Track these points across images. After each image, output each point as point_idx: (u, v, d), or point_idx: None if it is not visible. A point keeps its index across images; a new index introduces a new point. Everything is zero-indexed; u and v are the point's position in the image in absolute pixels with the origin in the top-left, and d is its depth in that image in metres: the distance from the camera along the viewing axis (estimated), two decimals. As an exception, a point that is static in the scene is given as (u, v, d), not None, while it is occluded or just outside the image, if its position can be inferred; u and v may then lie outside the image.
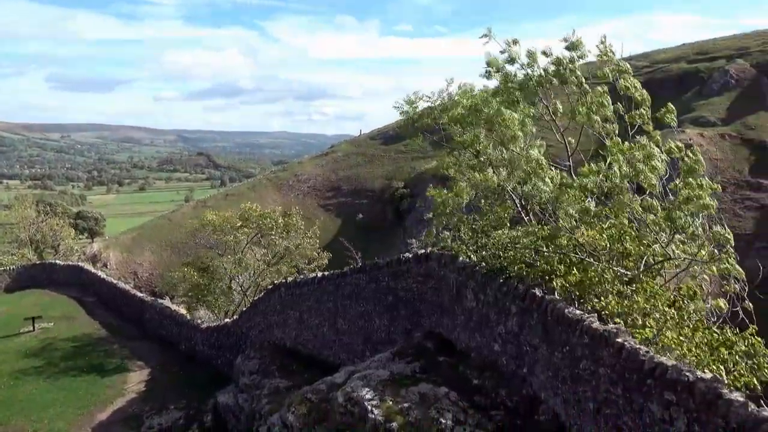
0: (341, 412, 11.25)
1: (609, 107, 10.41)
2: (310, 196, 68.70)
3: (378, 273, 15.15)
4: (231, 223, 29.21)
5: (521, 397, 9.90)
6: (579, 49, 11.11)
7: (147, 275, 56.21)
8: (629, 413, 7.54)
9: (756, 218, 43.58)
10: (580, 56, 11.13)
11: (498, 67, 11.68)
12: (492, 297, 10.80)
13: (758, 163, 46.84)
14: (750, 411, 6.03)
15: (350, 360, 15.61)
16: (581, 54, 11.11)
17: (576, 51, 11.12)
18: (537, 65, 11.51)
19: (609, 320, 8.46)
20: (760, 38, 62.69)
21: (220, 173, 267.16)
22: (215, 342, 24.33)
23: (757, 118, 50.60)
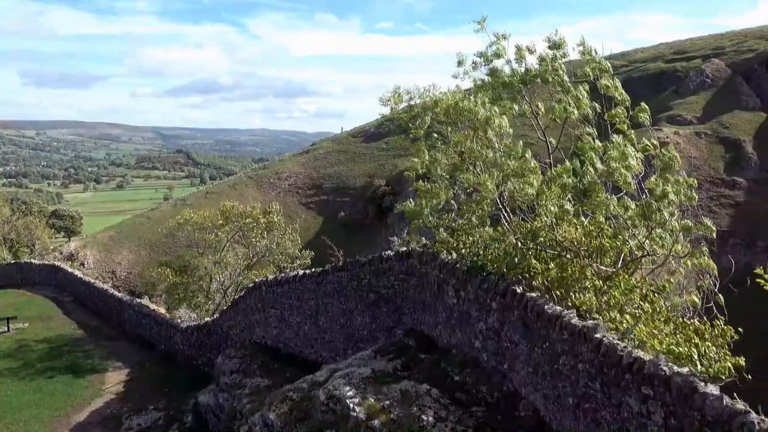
0: (323, 411, 11.23)
1: (585, 103, 10.52)
2: (292, 194, 68.40)
3: (360, 271, 15.14)
4: (212, 221, 28.95)
5: (502, 393, 9.98)
6: (562, 48, 11.19)
7: (125, 274, 55.50)
8: (608, 407, 7.65)
9: (730, 215, 44.43)
10: (563, 55, 11.21)
11: (487, 58, 11.63)
12: (473, 294, 10.86)
13: (733, 161, 47.76)
14: (725, 404, 6.15)
15: (332, 358, 15.60)
16: (563, 53, 11.19)
17: (559, 50, 11.20)
18: (524, 62, 11.53)
19: (587, 316, 8.57)
20: (735, 38, 63.85)
21: (199, 171, 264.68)
22: (195, 341, 24.12)
23: (732, 117, 51.56)
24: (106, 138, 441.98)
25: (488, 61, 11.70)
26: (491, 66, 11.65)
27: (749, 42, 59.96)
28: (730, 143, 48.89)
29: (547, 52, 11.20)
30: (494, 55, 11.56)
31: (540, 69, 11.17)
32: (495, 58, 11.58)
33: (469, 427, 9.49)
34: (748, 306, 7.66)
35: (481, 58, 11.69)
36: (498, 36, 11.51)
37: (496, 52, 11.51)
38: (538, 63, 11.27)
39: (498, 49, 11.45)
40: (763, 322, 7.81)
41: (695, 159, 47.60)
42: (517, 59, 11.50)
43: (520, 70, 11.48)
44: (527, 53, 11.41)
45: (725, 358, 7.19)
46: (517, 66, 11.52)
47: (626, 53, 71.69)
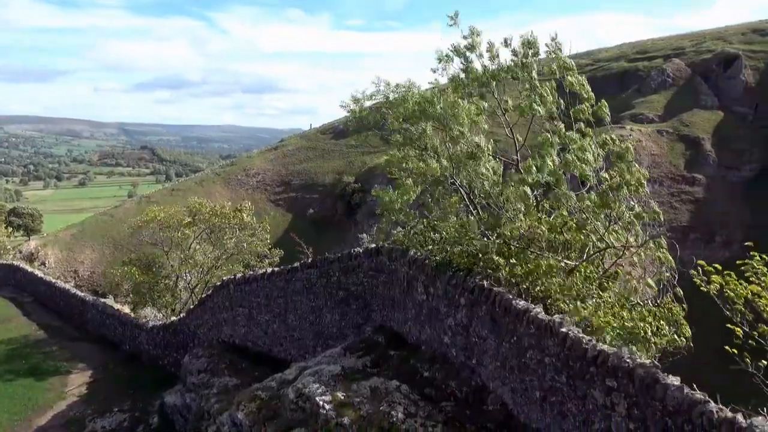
0: (292, 409, 11.17)
1: (550, 100, 10.69)
2: (260, 190, 67.71)
3: (329, 268, 15.09)
4: (178, 218, 28.45)
5: (471, 388, 10.07)
6: (534, 47, 11.35)
7: (88, 274, 54.17)
8: (573, 400, 7.79)
9: (691, 211, 45.72)
10: (534, 53, 11.38)
11: (460, 51, 11.70)
12: (442, 290, 10.93)
13: (692, 158, 49.12)
14: (685, 394, 6.33)
15: (301, 356, 15.52)
16: (535, 51, 11.35)
17: (532, 48, 11.36)
18: (497, 58, 11.64)
19: (553, 308, 8.72)
20: (694, 39, 65.61)
21: (165, 167, 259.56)
22: (161, 341, 23.71)
23: (691, 116, 53.01)
24: (68, 134, 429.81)
25: (461, 55, 11.78)
26: (465, 57, 11.72)
27: (707, 43, 61.70)
28: (689, 141, 50.26)
29: (520, 50, 11.36)
30: (468, 48, 11.63)
31: (512, 65, 11.31)
32: (468, 51, 11.65)
33: (439, 422, 9.56)
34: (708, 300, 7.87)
35: (454, 53, 11.79)
36: (472, 30, 11.61)
37: (470, 44, 11.58)
38: (511, 58, 11.40)
39: (473, 42, 11.53)
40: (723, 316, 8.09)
41: (656, 156, 48.79)
42: (490, 56, 11.62)
43: (491, 66, 11.61)
44: (502, 47, 11.52)
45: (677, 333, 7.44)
46: (489, 62, 11.64)
47: (591, 52, 73.00)
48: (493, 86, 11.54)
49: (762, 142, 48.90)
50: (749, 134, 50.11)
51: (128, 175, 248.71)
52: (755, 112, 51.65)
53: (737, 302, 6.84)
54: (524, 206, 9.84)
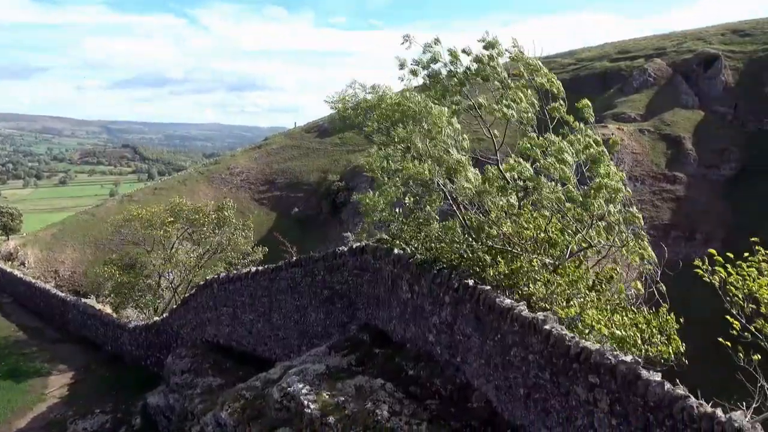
0: (277, 408, 11.12)
1: (523, 103, 10.79)
2: (244, 189, 67.22)
3: (314, 267, 15.04)
4: (160, 217, 28.17)
5: (455, 386, 10.10)
6: (496, 48, 11.49)
7: (69, 274, 53.39)
8: (557, 396, 7.85)
9: (672, 209, 46.26)
10: (498, 54, 11.50)
11: (424, 65, 11.92)
12: (426, 288, 10.95)
13: (674, 157, 49.69)
14: (666, 390, 6.40)
15: (286, 355, 15.46)
16: (499, 52, 11.49)
17: (493, 49, 11.50)
18: (459, 62, 11.83)
19: (536, 306, 8.77)
20: (675, 39, 66.39)
21: (147, 166, 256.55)
22: (144, 341, 23.46)
23: (672, 115, 53.63)
24: (48, 132, 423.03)
25: (426, 67, 11.98)
26: (431, 70, 11.92)
27: (688, 43, 62.47)
28: (671, 140, 50.85)
29: (483, 53, 11.51)
30: (431, 61, 11.87)
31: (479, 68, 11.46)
32: (432, 63, 11.89)
33: (423, 420, 9.57)
34: (688, 296, 7.99)
35: (418, 66, 11.98)
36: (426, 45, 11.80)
37: (432, 57, 11.81)
38: (475, 63, 11.58)
39: (434, 55, 11.75)
40: (702, 312, 8.19)
41: (638, 155, 49.31)
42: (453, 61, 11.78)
43: (458, 71, 11.78)
44: (464, 55, 11.73)
45: (668, 344, 7.50)
46: (454, 68, 11.82)
47: (574, 51, 73.51)
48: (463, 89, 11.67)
49: (742, 141, 49.63)
50: (729, 133, 50.84)
51: (110, 174, 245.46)
52: (735, 111, 52.41)
53: (737, 294, 6.88)
54: (506, 207, 9.91)
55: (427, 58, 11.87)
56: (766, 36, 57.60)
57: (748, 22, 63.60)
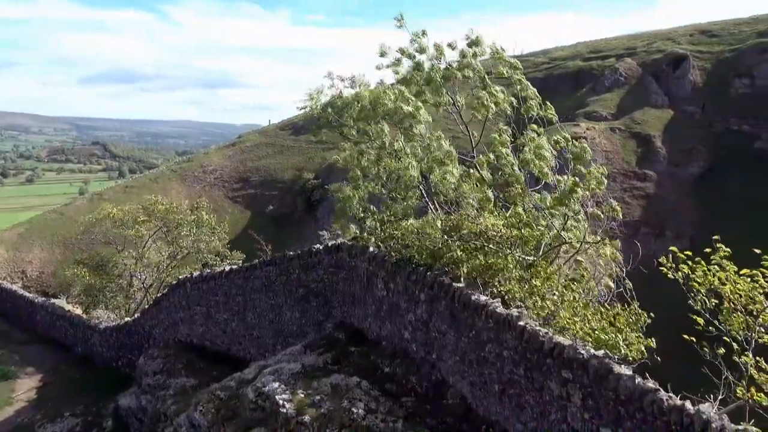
0: (252, 408, 11.03)
1: (501, 98, 10.89)
2: (218, 187, 66.49)
3: (288, 265, 14.95)
4: (133, 216, 27.67)
5: (431, 383, 10.15)
6: (480, 45, 11.53)
7: (37, 274, 52.17)
8: (531, 392, 7.94)
9: (642, 206, 47.14)
10: (480, 53, 11.57)
11: (409, 54, 11.86)
12: (402, 286, 10.97)
13: (644, 155, 50.62)
14: (637, 383, 6.53)
15: (261, 355, 15.34)
16: (481, 51, 11.55)
17: (478, 47, 11.54)
18: (444, 58, 11.83)
19: (512, 304, 8.85)
20: (645, 39, 67.61)
21: (118, 164, 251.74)
22: (115, 342, 23.07)
23: (643, 114, 54.62)
24: (14, 128, 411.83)
25: (411, 57, 11.93)
26: (415, 61, 11.87)
27: (658, 43, 63.68)
28: (641, 138, 51.79)
29: (466, 50, 11.55)
30: (417, 51, 11.81)
31: (461, 65, 11.50)
32: (418, 54, 11.84)
33: (399, 417, 9.59)
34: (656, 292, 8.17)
35: (403, 55, 11.91)
36: (417, 34, 11.77)
37: (419, 47, 11.76)
38: (459, 59, 11.61)
39: (420, 45, 11.72)
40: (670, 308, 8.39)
41: (609, 153, 50.10)
42: (437, 56, 11.80)
43: (440, 66, 11.80)
44: (449, 50, 11.74)
45: (639, 341, 7.64)
46: (437, 63, 11.84)
47: (547, 51, 74.35)
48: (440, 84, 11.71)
49: (709, 140, 50.78)
50: (697, 133, 51.97)
51: (79, 172, 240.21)
52: (702, 111, 53.62)
53: (701, 290, 7.04)
54: (482, 199, 9.98)
55: (414, 48, 11.84)
56: (732, 37, 59.04)
57: (716, 23, 65.10)
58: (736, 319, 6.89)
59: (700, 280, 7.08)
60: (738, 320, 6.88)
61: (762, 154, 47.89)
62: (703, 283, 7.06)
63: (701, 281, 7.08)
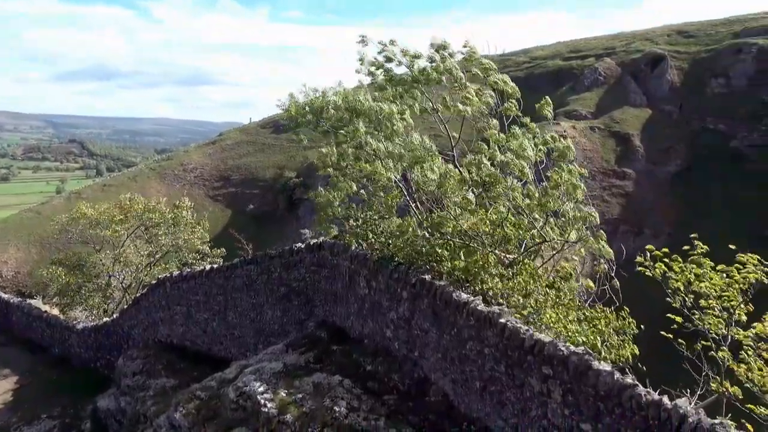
0: (233, 408, 10.96)
1: (476, 100, 10.96)
2: (198, 186, 65.88)
3: (270, 264, 14.87)
4: (110, 215, 27.26)
5: (413, 380, 10.17)
6: (447, 49, 11.67)
7: (12, 274, 51.22)
8: (512, 389, 7.99)
9: (621, 204, 47.73)
10: (450, 55, 11.67)
11: (379, 65, 12.05)
12: (384, 284, 10.97)
13: (623, 153, 51.26)
14: (615, 379, 6.60)
15: (242, 354, 15.25)
16: (450, 53, 11.66)
17: (444, 51, 11.67)
18: (416, 63, 11.98)
19: (493, 302, 8.90)
20: (624, 39, 68.42)
21: (95, 162, 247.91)
22: (93, 343, 22.74)
23: (622, 113, 55.27)
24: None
25: (380, 67, 12.10)
26: (386, 68, 12.04)
27: (636, 43, 64.48)
28: (620, 137, 52.42)
29: (436, 55, 11.68)
30: (386, 60, 11.98)
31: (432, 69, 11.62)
32: (387, 62, 12.01)
33: (382, 415, 9.60)
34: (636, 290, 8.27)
35: (374, 67, 12.09)
36: (384, 43, 11.95)
37: (387, 56, 11.94)
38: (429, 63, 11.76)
39: (388, 54, 11.88)
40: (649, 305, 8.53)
41: (589, 151, 50.65)
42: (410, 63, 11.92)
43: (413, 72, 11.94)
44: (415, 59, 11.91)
45: (621, 346, 7.73)
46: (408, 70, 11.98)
47: (528, 50, 74.87)
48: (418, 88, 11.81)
49: (686, 139, 51.59)
50: (675, 132, 52.77)
51: (56, 170, 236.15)
52: (680, 110, 54.45)
53: (679, 287, 7.15)
54: (463, 201, 10.02)
55: (381, 58, 12.04)
56: (708, 38, 60.01)
57: (692, 24, 66.09)
58: (712, 315, 7.01)
59: (677, 278, 7.19)
60: (714, 316, 7.00)
61: (738, 153, 48.81)
62: (680, 280, 7.17)
63: (678, 278, 7.18)
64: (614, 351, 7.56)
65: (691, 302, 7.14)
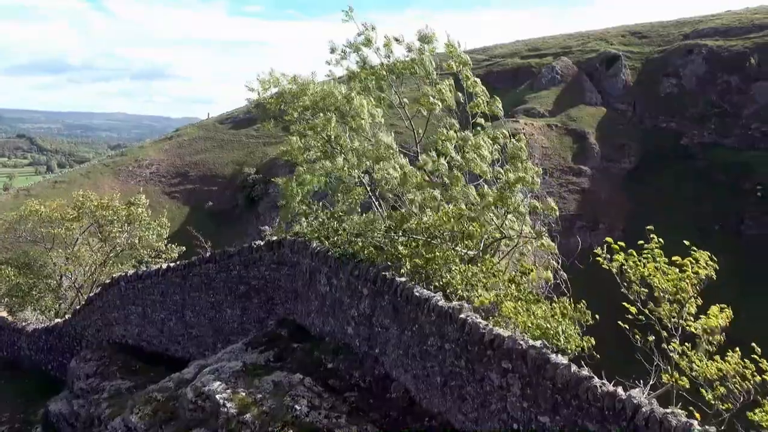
0: (191, 409, 10.76)
1: (449, 96, 10.99)
2: (154, 182, 64.39)
3: (229, 262, 14.66)
4: (62, 213, 26.34)
5: (374, 377, 10.17)
6: (431, 43, 11.57)
7: (-43, 275, 49.05)
8: (472, 383, 8.08)
9: (577, 200, 48.91)
10: (431, 50, 11.60)
11: (357, 47, 11.76)
12: (345, 281, 10.94)
13: (579, 151, 52.51)
14: (572, 371, 6.74)
15: (201, 354, 15.00)
16: (432, 48, 11.58)
17: (429, 44, 11.57)
18: (392, 54, 11.81)
19: (453, 297, 8.97)
20: (580, 39, 70.01)
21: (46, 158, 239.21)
22: (44, 345, 21.98)
23: (578, 111, 56.59)
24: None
25: (357, 50, 11.84)
26: (360, 54, 11.80)
27: (592, 43, 66.08)
28: (576, 135, 53.68)
29: (415, 44, 11.54)
30: (364, 43, 11.71)
31: (408, 61, 11.49)
32: (364, 47, 11.74)
33: (343, 412, 9.57)
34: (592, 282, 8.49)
35: (350, 48, 11.83)
36: (366, 26, 11.69)
37: (365, 40, 11.66)
38: (406, 52, 11.59)
39: (366, 38, 11.62)
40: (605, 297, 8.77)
41: (547, 149, 51.69)
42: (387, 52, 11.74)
43: (387, 61, 11.77)
44: (395, 43, 11.67)
45: (577, 337, 7.89)
46: (385, 59, 11.81)
47: (487, 48, 75.80)
48: (391, 80, 11.70)
49: (640, 137, 53.22)
50: (629, 129, 54.37)
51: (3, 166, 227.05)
52: (633, 109, 56.11)
53: (634, 280, 7.33)
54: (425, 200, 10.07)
55: (360, 40, 11.74)
56: (660, 38, 61.94)
57: (644, 25, 68.08)
58: (664, 307, 7.23)
59: (633, 270, 7.38)
60: (666, 308, 7.22)
61: (688, 151, 50.62)
62: (635, 273, 7.37)
63: (633, 271, 7.38)
64: (573, 341, 7.72)
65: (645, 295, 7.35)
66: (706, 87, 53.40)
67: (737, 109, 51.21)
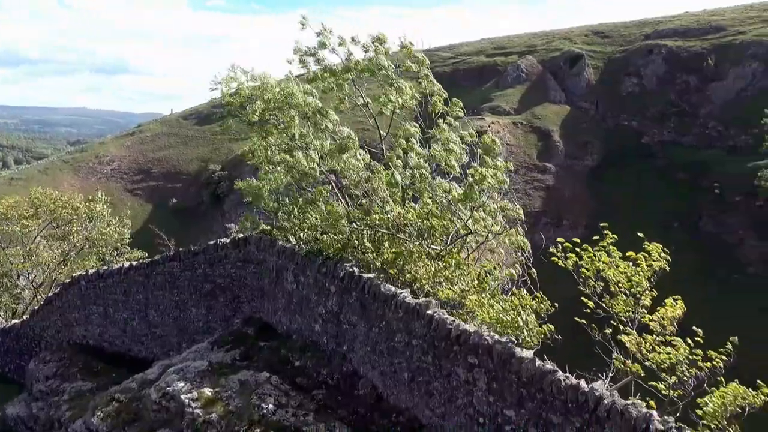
0: (155, 410, 10.57)
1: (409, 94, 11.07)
2: (115, 179, 62.87)
3: (193, 260, 14.44)
4: (18, 210, 25.53)
5: (342, 374, 10.17)
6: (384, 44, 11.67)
7: None
8: (439, 379, 8.15)
9: (542, 197, 49.68)
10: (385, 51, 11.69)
11: (313, 52, 11.82)
12: (312, 278, 10.89)
13: (544, 148, 53.33)
14: (537, 365, 6.87)
15: (165, 354, 14.76)
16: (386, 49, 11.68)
17: (382, 45, 11.66)
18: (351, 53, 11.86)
19: (420, 293, 9.03)
20: (545, 38, 71.07)
21: (2, 154, 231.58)
22: (1, 347, 21.33)
23: (543, 109, 57.45)
24: None
25: (314, 54, 11.92)
26: (318, 56, 11.86)
27: (556, 42, 67.13)
28: (541, 132, 54.49)
29: (370, 45, 11.64)
30: (320, 46, 11.80)
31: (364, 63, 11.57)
32: (321, 49, 11.82)
33: (310, 410, 9.54)
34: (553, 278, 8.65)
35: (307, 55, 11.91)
36: (323, 29, 11.77)
37: (320, 43, 11.76)
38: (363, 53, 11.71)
39: (321, 41, 11.71)
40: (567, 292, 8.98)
41: (512, 146, 52.32)
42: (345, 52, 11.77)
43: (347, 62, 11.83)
44: (352, 45, 11.77)
45: (538, 326, 8.05)
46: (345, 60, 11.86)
47: (454, 46, 76.26)
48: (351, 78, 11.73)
49: (602, 135, 54.34)
50: (592, 128, 55.45)
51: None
52: (596, 108, 57.25)
53: (589, 276, 7.51)
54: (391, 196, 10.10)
55: (316, 43, 11.77)
56: (622, 38, 63.29)
57: (606, 25, 69.46)
58: (619, 300, 7.44)
59: (588, 266, 7.58)
60: (621, 302, 7.42)
61: (648, 150, 51.91)
62: (590, 269, 7.56)
63: (588, 267, 7.57)
64: (536, 330, 7.88)
65: (601, 289, 7.55)
66: (665, 86, 54.82)
67: (695, 109, 52.71)
